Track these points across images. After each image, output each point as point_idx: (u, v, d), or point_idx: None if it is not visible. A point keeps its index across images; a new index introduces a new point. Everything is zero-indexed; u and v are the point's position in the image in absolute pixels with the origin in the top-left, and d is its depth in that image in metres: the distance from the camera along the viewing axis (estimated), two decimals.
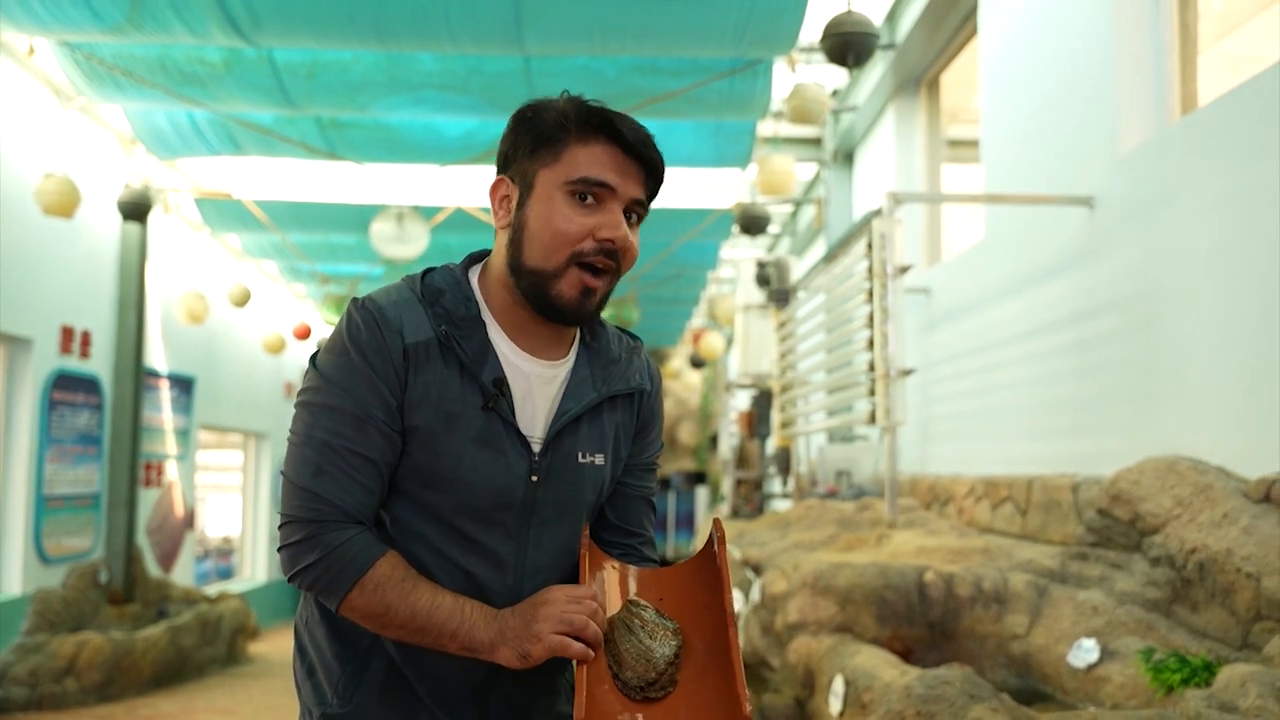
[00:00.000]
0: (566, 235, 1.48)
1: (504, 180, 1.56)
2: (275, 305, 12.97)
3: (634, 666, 1.41)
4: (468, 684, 1.55)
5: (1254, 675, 2.74)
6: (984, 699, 2.83)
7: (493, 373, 1.51)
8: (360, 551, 1.45)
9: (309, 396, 1.50)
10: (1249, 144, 3.73)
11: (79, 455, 8.44)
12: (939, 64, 7.69)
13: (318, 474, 1.45)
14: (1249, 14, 4.92)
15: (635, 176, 1.52)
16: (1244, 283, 3.74)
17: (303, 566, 1.45)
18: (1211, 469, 3.73)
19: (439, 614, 1.44)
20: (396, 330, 1.49)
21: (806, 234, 11.50)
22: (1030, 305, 5.46)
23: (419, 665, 1.54)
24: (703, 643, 1.45)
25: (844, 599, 4.12)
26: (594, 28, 5.56)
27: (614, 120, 1.50)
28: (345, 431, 1.46)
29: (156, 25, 5.53)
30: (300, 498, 1.46)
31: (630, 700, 1.41)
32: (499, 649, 1.44)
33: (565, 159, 1.50)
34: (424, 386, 1.49)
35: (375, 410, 1.46)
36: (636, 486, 1.72)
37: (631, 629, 1.44)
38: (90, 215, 8.25)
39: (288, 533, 1.47)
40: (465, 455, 1.49)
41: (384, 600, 1.44)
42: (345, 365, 1.48)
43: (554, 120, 1.51)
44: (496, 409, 1.51)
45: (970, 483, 5.92)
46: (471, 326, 1.53)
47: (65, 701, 7.32)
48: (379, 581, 1.44)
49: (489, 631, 1.45)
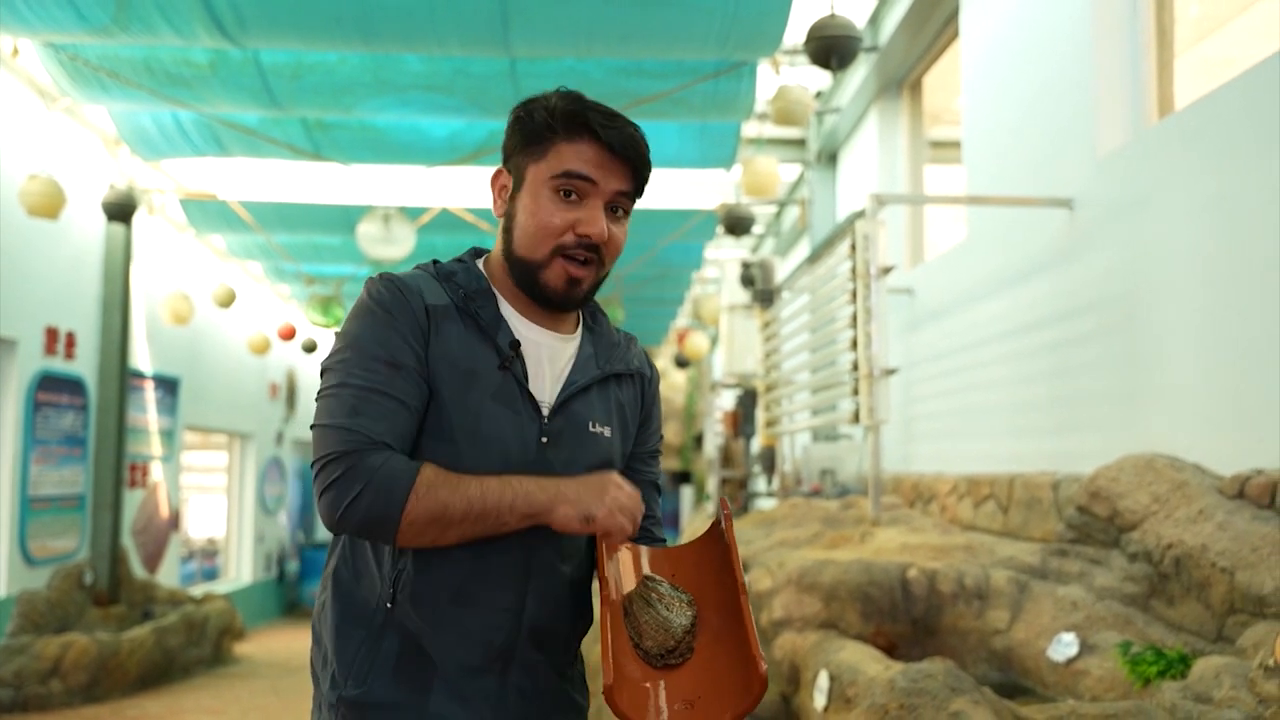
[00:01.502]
0: (549, 228, 1.58)
1: (503, 171, 1.67)
2: (260, 306, 12.95)
3: (654, 636, 1.49)
4: (492, 646, 1.57)
5: (1227, 667, 2.80)
6: (966, 692, 2.89)
7: (508, 337, 1.60)
8: (403, 465, 1.48)
9: (339, 356, 1.55)
10: (1225, 147, 3.80)
11: (64, 456, 8.42)
12: (921, 66, 7.76)
13: (353, 413, 1.48)
14: (1224, 18, 5.00)
15: (619, 171, 1.60)
16: (1220, 283, 3.81)
17: (351, 499, 1.45)
18: (1188, 466, 3.80)
19: (491, 494, 1.49)
20: (417, 292, 1.58)
21: (790, 234, 11.56)
22: (1011, 305, 5.52)
23: (442, 630, 1.56)
24: (716, 613, 1.53)
25: (829, 596, 4.17)
26: (580, 30, 5.59)
27: (598, 119, 1.57)
28: (379, 377, 1.51)
29: (142, 27, 5.53)
30: (336, 435, 1.48)
31: (652, 668, 1.49)
32: (559, 507, 1.50)
33: (551, 156, 1.58)
34: (444, 344, 1.56)
35: (406, 358, 1.53)
36: (644, 471, 1.81)
37: (650, 602, 1.52)
38: (75, 216, 8.23)
39: (327, 473, 1.47)
40: (485, 411, 1.56)
41: (439, 499, 1.46)
42: (373, 322, 1.55)
43: (542, 118, 1.59)
44: (511, 369, 1.58)
45: (953, 481, 5.98)
46: (485, 298, 1.62)
47: (50, 703, 7.31)
48: (429, 483, 1.47)
49: (545, 493, 1.50)
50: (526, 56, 6.10)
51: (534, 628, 1.60)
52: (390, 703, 1.55)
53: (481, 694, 1.57)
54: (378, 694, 1.55)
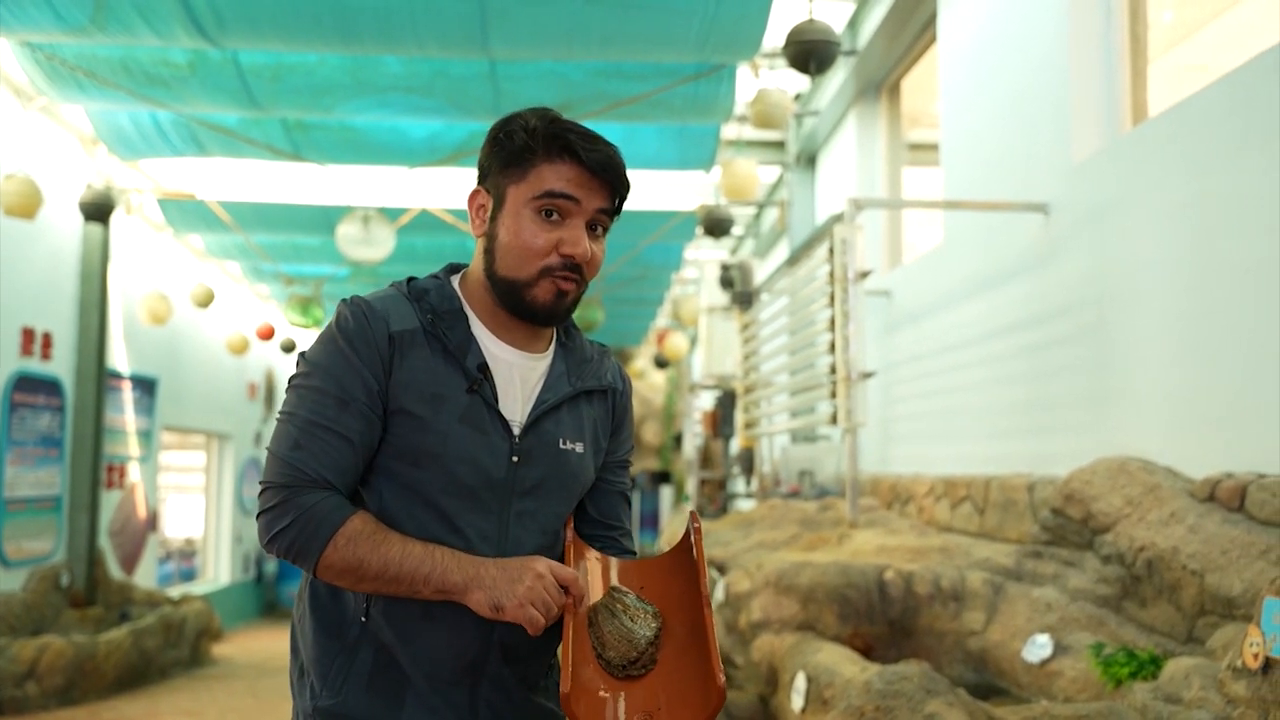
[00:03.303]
0: (533, 249, 1.59)
1: (480, 191, 1.67)
2: (238, 306, 12.89)
3: (616, 646, 1.51)
4: (461, 660, 1.60)
5: (1197, 668, 2.85)
6: (941, 694, 2.92)
7: (476, 359, 1.62)
8: (333, 510, 1.53)
9: (298, 381, 1.60)
10: (1196, 154, 3.85)
11: (40, 458, 8.37)
12: (899, 69, 7.81)
13: (295, 447, 1.54)
14: (1195, 26, 5.07)
15: (599, 191, 1.62)
16: (1191, 288, 3.87)
17: (279, 529, 1.52)
18: (1160, 469, 3.85)
19: (409, 561, 1.51)
20: (382, 318, 1.60)
21: (769, 236, 11.61)
22: (987, 308, 5.57)
23: (412, 644, 1.59)
24: (682, 626, 1.55)
25: (806, 597, 4.20)
26: (559, 32, 5.60)
27: (578, 140, 1.59)
28: (327, 412, 1.55)
29: (121, 27, 5.50)
30: (279, 466, 1.54)
31: (614, 678, 1.51)
32: (473, 592, 1.51)
33: (532, 177, 1.60)
34: (410, 371, 1.58)
35: (357, 393, 1.56)
36: (613, 482, 1.82)
37: (614, 613, 1.54)
38: (52, 216, 8.18)
39: (265, 498, 1.55)
40: (452, 433, 1.58)
41: (356, 554, 1.51)
42: (331, 352, 1.58)
43: (522, 140, 1.60)
44: (480, 392, 1.60)
45: (930, 482, 6.03)
46: (455, 319, 1.64)
47: (27, 706, 7.26)
48: (350, 536, 1.51)
49: (462, 574, 1.52)
50: (506, 59, 6.10)
51: (504, 643, 1.62)
52: (364, 714, 1.59)
53: (452, 707, 1.61)
54: (352, 705, 1.59)
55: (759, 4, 5.33)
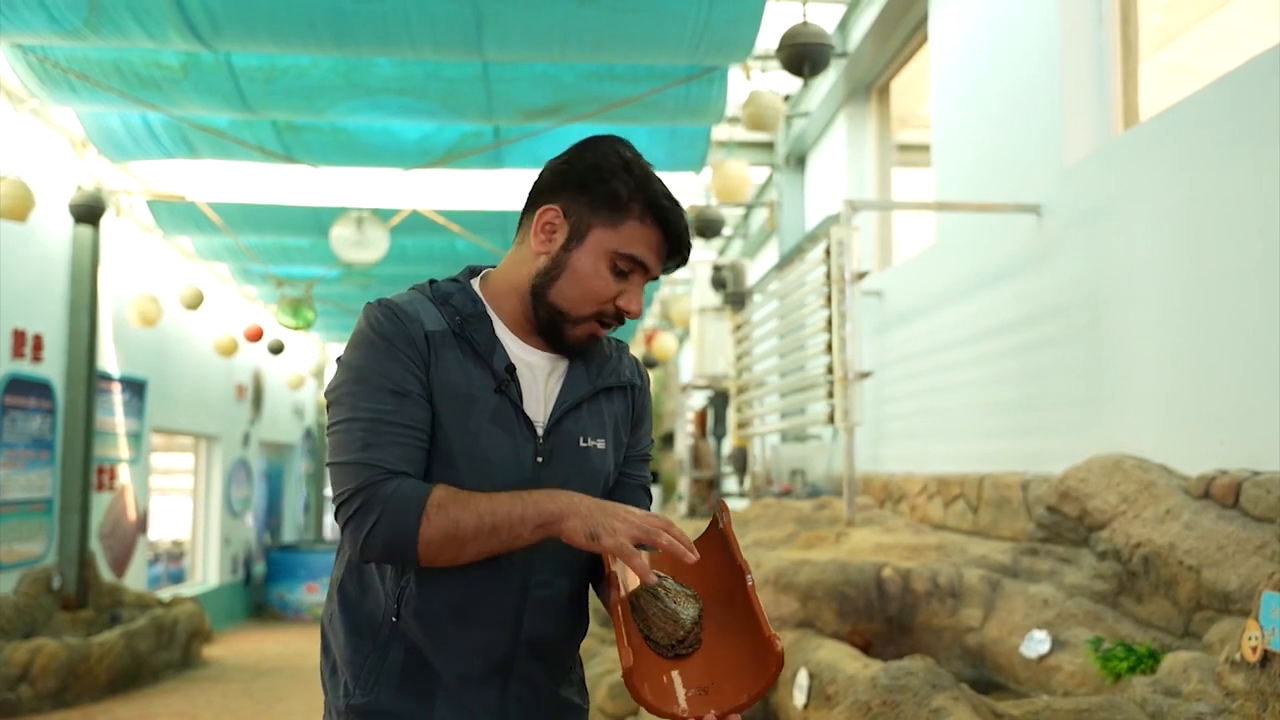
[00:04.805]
0: (598, 297, 1.65)
1: (556, 211, 1.66)
2: (228, 308, 12.86)
3: (663, 627, 1.56)
4: (491, 659, 1.63)
5: (1195, 661, 2.90)
6: (946, 688, 2.97)
7: (503, 360, 1.64)
8: (414, 489, 1.52)
9: (345, 388, 1.58)
10: (1187, 157, 3.90)
11: (31, 460, 8.34)
12: (890, 71, 7.86)
13: (365, 446, 1.53)
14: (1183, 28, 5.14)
15: (669, 259, 1.69)
16: (1183, 289, 3.92)
17: (368, 529, 1.50)
18: (1155, 467, 3.90)
19: (501, 506, 1.52)
20: (415, 318, 1.62)
21: (759, 236, 11.66)
22: (980, 309, 5.62)
23: (443, 644, 1.61)
24: (720, 605, 1.60)
25: (805, 595, 4.24)
26: (552, 34, 5.62)
27: (670, 210, 1.64)
28: (386, 406, 1.55)
29: (114, 30, 5.49)
30: (351, 470, 1.53)
31: (662, 658, 1.56)
32: (569, 519, 1.51)
33: (624, 230, 1.63)
34: (444, 370, 1.60)
35: (410, 385, 1.57)
36: (633, 475, 1.85)
37: (657, 596, 1.58)
38: (42, 218, 8.15)
39: (347, 507, 1.52)
40: (483, 433, 1.61)
41: (450, 517, 1.50)
42: (374, 351, 1.59)
43: (625, 191, 1.63)
44: (507, 393, 1.63)
45: (923, 481, 6.08)
46: (480, 321, 1.66)
47: (20, 709, 7.24)
48: (439, 503, 1.51)
49: (556, 503, 1.52)
50: (499, 61, 6.12)
51: (532, 640, 1.65)
52: (395, 711, 1.61)
53: (482, 704, 1.64)
54: (384, 703, 1.62)
55: (752, 7, 5.37)
